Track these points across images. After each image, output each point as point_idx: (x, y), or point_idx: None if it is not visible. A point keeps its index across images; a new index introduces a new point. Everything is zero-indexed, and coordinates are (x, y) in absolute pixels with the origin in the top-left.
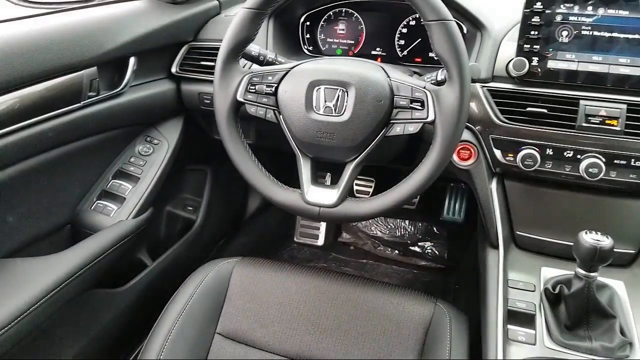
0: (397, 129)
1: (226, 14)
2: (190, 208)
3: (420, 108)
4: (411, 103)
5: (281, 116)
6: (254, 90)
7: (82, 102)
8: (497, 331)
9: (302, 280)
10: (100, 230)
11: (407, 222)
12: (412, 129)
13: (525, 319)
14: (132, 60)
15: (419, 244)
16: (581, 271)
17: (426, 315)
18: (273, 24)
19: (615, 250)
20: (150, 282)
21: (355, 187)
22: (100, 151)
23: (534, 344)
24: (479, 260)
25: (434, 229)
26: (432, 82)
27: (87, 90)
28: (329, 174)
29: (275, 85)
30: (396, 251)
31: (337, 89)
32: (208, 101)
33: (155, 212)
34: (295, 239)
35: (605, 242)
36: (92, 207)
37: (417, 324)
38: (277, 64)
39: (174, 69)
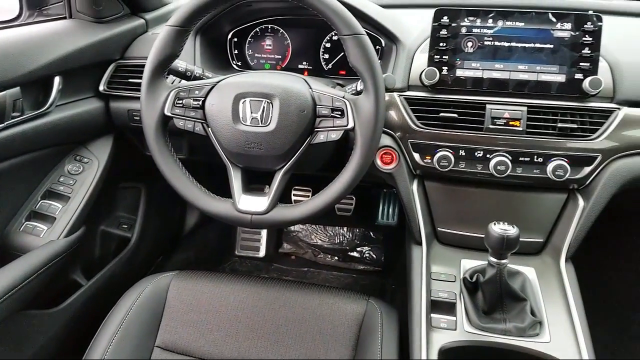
0: (321, 137)
1: (153, 32)
2: (125, 226)
3: (340, 116)
4: (332, 112)
5: (209, 129)
6: (181, 105)
7: (5, 123)
8: (421, 320)
9: (239, 289)
10: (30, 251)
11: (345, 229)
12: (335, 136)
13: (446, 307)
14: (57, 79)
15: (357, 249)
16: (493, 259)
17: (359, 312)
18: (200, 41)
19: (525, 239)
20: (85, 302)
21: (294, 198)
22: (28, 171)
23: (455, 329)
24: (406, 257)
25: (371, 233)
26: (353, 92)
27: (11, 110)
28: (267, 185)
29: (202, 98)
30: (336, 257)
31: (262, 100)
32: (137, 118)
33: (88, 231)
34: (236, 252)
35: (512, 231)
36: (21, 229)
37: (351, 321)
38: (204, 79)
39: (101, 87)
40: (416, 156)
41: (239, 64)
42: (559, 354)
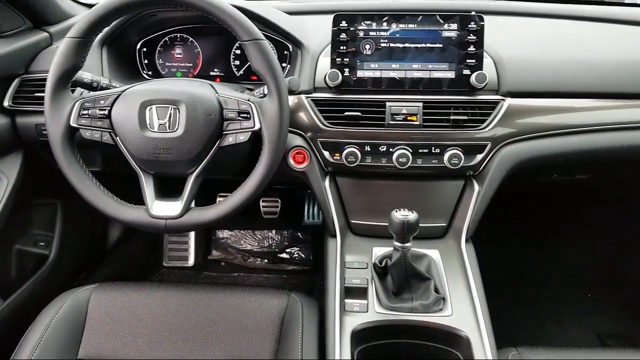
0: (230, 139)
1: (58, 45)
2: (42, 243)
3: (247, 119)
4: (239, 115)
5: (117, 137)
6: (87, 115)
7: None
8: (335, 306)
9: (162, 296)
10: None
11: (273, 232)
12: (243, 137)
13: (359, 292)
14: None
15: (287, 250)
16: (397, 244)
17: (281, 306)
18: (107, 52)
19: (430, 224)
20: (2, 322)
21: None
22: None
23: (367, 312)
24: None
25: (299, 234)
26: (260, 95)
27: None
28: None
29: (108, 108)
30: (265, 260)
31: (169, 106)
32: (46, 132)
33: (1, 251)
34: (164, 263)
35: (411, 216)
36: None
37: (273, 316)
38: (111, 89)
39: (6, 103)
40: (326, 154)
41: (150, 73)
42: (460, 326)
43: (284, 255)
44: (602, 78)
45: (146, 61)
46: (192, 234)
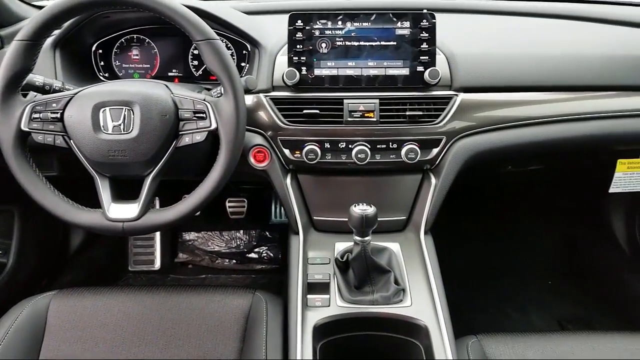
0: (186, 139)
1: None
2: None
3: (203, 118)
4: (194, 115)
5: (71, 141)
6: (38, 119)
7: None
8: (298, 302)
9: (124, 299)
10: None
11: (241, 232)
12: (199, 137)
13: (321, 288)
14: None
15: (255, 250)
16: (357, 238)
17: (245, 305)
18: (60, 54)
19: (390, 218)
20: None
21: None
22: None
23: (329, 306)
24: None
25: (267, 233)
26: (217, 95)
27: None
28: (157, 197)
29: (60, 111)
30: (234, 261)
31: (122, 108)
32: None
33: None
34: (130, 268)
35: (370, 210)
36: None
37: (238, 315)
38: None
39: None
40: (286, 152)
41: (107, 75)
42: (419, 316)
43: (253, 255)
44: (551, 72)
45: (102, 63)
46: (157, 237)
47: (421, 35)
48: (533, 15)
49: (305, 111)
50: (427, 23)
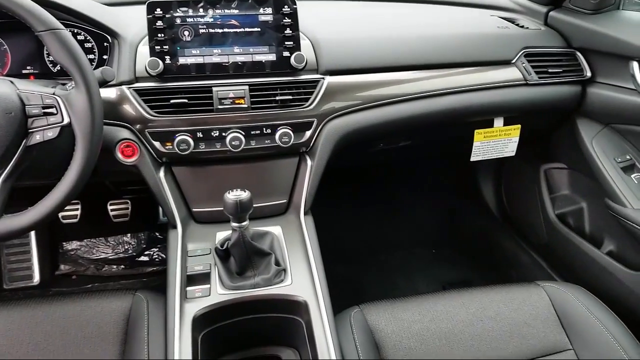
0: (37, 137)
1: None
2: None
3: (54, 113)
4: (44, 110)
5: None
6: None
7: None
8: (175, 296)
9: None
10: None
11: (128, 235)
12: (52, 134)
13: (202, 279)
14: None
15: (145, 252)
16: (234, 224)
17: (125, 307)
18: None
19: (271, 202)
20: None
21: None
22: None
23: (209, 296)
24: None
25: (156, 234)
26: (72, 88)
27: None
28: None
29: None
30: (122, 266)
31: None
32: None
33: None
34: (5, 286)
35: (244, 195)
36: None
37: (117, 318)
38: None
39: None
40: (157, 144)
41: None
42: (299, 292)
43: (144, 258)
44: (409, 52)
45: None
46: (33, 249)
47: (284, 20)
48: (391, 0)
49: (172, 101)
50: (289, 9)
